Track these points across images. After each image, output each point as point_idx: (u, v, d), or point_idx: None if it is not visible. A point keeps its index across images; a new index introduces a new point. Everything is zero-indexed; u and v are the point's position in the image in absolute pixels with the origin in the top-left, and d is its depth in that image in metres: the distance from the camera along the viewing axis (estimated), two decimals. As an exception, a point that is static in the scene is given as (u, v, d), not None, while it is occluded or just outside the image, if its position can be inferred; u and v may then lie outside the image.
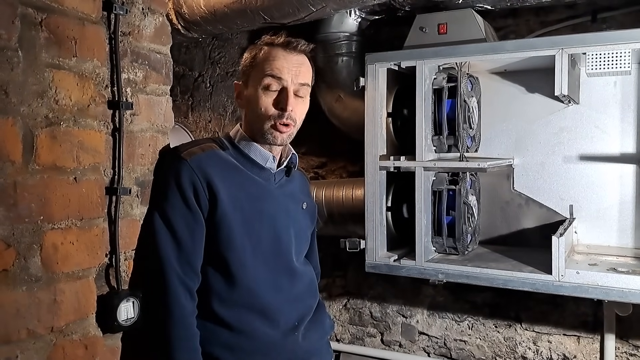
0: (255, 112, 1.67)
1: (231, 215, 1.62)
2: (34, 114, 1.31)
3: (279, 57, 1.66)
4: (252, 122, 1.69)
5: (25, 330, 1.29)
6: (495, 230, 3.00)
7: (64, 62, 1.38)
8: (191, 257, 1.60)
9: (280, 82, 1.65)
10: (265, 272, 1.68)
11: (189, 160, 1.60)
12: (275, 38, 1.69)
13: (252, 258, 1.65)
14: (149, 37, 1.71)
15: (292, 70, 1.66)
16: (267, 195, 1.72)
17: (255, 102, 1.65)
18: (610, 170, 2.72)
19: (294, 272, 1.77)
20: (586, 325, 2.97)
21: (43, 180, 1.33)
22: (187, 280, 1.58)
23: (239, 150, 1.72)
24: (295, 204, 1.82)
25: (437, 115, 2.68)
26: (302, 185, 1.90)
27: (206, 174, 1.60)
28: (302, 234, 1.86)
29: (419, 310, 3.42)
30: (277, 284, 1.71)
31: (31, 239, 1.31)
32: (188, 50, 4.20)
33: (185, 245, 1.58)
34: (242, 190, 1.66)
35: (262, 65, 1.66)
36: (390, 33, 3.35)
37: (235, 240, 1.63)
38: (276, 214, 1.73)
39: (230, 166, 1.67)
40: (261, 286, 1.67)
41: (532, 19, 3.05)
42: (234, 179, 1.66)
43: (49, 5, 1.35)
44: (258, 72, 1.66)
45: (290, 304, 1.74)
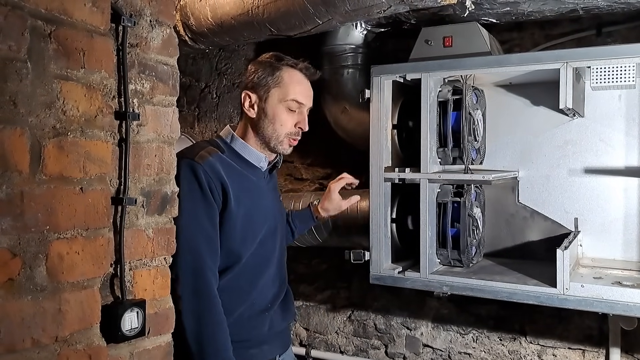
0: (273, 126, 1.93)
1: (236, 211, 1.87)
2: (42, 124, 1.32)
3: (301, 83, 1.95)
4: (265, 132, 1.94)
5: (29, 340, 1.30)
6: (500, 243, 3.00)
7: (72, 74, 1.40)
8: (217, 247, 1.87)
9: (301, 106, 1.95)
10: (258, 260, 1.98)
11: (203, 164, 1.83)
12: (296, 62, 1.97)
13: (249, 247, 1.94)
14: (157, 49, 1.72)
15: (310, 96, 1.99)
16: (261, 192, 2.00)
17: (276, 118, 1.92)
18: (615, 183, 2.72)
19: (277, 259, 2.07)
20: (591, 339, 2.96)
21: (50, 190, 1.34)
22: (214, 266, 1.87)
23: (233, 152, 1.96)
24: (276, 195, 2.18)
25: (442, 128, 2.69)
26: (276, 179, 2.24)
27: (218, 175, 1.84)
28: (282, 220, 2.20)
29: (423, 322, 3.42)
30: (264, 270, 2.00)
31: (37, 248, 1.31)
32: (195, 61, 4.23)
33: (211, 238, 1.85)
34: (243, 189, 1.91)
35: (287, 87, 1.92)
36: (396, 46, 3.37)
37: (237, 232, 1.89)
38: (268, 208, 2.03)
39: (232, 167, 1.92)
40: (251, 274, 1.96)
41: (537, 33, 3.06)
42: (235, 178, 1.90)
43: (58, 18, 1.36)
44: (282, 92, 1.92)
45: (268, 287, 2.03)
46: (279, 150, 1.97)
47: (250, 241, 1.94)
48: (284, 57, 1.97)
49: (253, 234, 1.95)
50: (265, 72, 1.94)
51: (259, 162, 1.98)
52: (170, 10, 1.78)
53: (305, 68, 1.97)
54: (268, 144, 1.96)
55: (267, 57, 2.00)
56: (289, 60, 1.96)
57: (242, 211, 1.89)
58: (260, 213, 1.97)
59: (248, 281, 1.96)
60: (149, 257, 1.71)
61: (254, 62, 2.04)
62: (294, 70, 1.95)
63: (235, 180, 1.90)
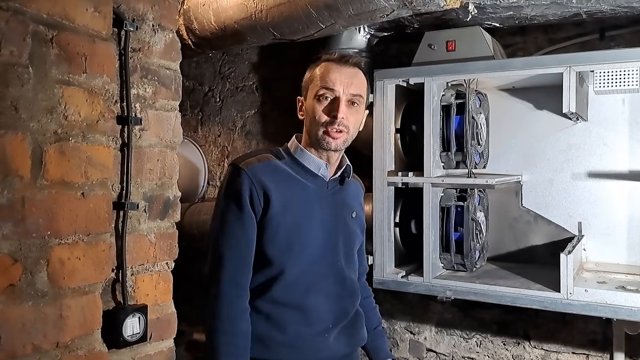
0: (311, 121, 1.80)
1: (280, 218, 1.75)
2: (43, 129, 1.32)
3: (333, 70, 1.79)
4: (309, 130, 1.82)
5: (30, 345, 1.29)
6: (504, 247, 2.99)
7: (73, 78, 1.40)
8: (246, 254, 1.75)
9: (333, 93, 1.77)
10: (310, 273, 1.81)
11: (247, 169, 1.74)
12: (330, 55, 1.85)
13: (298, 259, 1.78)
14: (159, 53, 1.73)
15: (345, 82, 1.77)
16: (319, 201, 1.84)
17: (311, 111, 1.79)
18: (619, 187, 2.71)
19: (338, 276, 1.87)
20: (595, 344, 2.94)
21: (51, 195, 1.34)
22: (241, 277, 1.74)
23: (294, 159, 1.84)
24: (346, 212, 1.92)
25: (446, 132, 2.69)
26: (356, 195, 2.01)
27: (261, 181, 1.74)
28: (351, 241, 1.94)
29: (427, 327, 3.41)
30: (319, 285, 1.83)
31: (38, 254, 1.31)
32: (198, 65, 4.23)
33: (242, 248, 1.74)
34: (294, 196, 1.79)
35: (318, 78, 1.79)
36: (399, 50, 3.37)
37: (280, 241, 1.76)
38: (327, 219, 1.84)
39: (285, 174, 1.80)
40: (303, 285, 1.80)
41: (540, 37, 3.05)
42: (287, 186, 1.78)
43: (59, 23, 1.36)
44: (314, 85, 1.80)
45: (328, 306, 1.84)
46: (325, 146, 1.79)
47: (298, 252, 1.78)
48: (324, 54, 1.88)
49: (302, 245, 1.78)
50: (307, 73, 1.87)
51: (319, 169, 1.83)
52: (172, 14, 1.79)
53: (341, 57, 1.84)
54: (316, 145, 1.81)
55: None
56: (326, 55, 1.86)
57: (290, 219, 1.76)
58: (314, 224, 1.81)
59: (299, 296, 1.79)
60: (151, 262, 1.71)
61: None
62: (328, 62, 1.82)
63: (286, 187, 1.78)
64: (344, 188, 1.93)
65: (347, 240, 1.91)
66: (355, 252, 1.99)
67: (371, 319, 2.11)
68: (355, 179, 2.04)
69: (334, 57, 1.83)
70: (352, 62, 1.82)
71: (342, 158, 1.92)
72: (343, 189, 1.92)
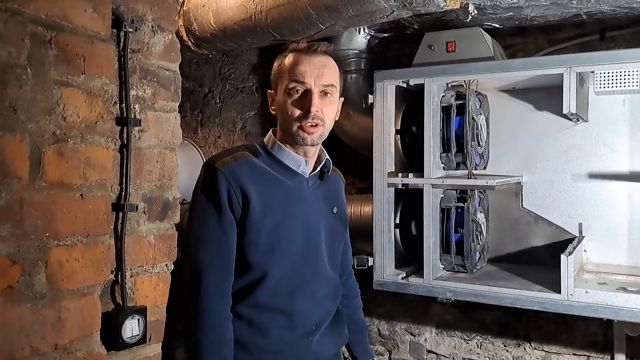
0: (284, 116, 1.72)
1: (260, 220, 1.67)
2: (42, 130, 1.32)
3: (301, 62, 1.70)
4: (283, 126, 1.75)
5: (29, 348, 1.29)
6: (504, 248, 2.98)
7: (72, 79, 1.40)
8: (228, 260, 1.67)
9: (304, 85, 1.69)
10: (292, 275, 1.74)
11: (223, 169, 1.65)
12: (297, 45, 1.75)
13: (280, 261, 1.72)
14: (158, 55, 1.73)
15: (315, 72, 1.70)
16: (299, 199, 1.77)
17: (283, 106, 1.71)
18: (620, 188, 2.70)
19: (322, 276, 1.82)
20: (596, 345, 2.94)
21: (49, 196, 1.34)
22: (224, 283, 1.66)
23: (271, 156, 1.77)
24: (327, 207, 1.87)
25: (446, 133, 2.68)
26: (336, 189, 1.96)
27: (239, 181, 1.66)
28: (334, 237, 1.90)
29: (427, 328, 3.40)
30: (302, 287, 1.77)
31: (36, 255, 1.31)
32: (198, 67, 4.23)
33: (223, 251, 1.66)
34: (274, 196, 1.71)
35: (287, 71, 1.71)
36: (399, 51, 3.36)
37: (262, 244, 1.69)
38: (308, 217, 1.78)
39: (263, 172, 1.73)
40: (286, 288, 1.73)
41: (541, 38, 3.05)
42: (266, 185, 1.71)
43: (58, 24, 1.36)
44: (284, 78, 1.72)
45: (311, 308, 1.79)
46: (300, 142, 1.72)
47: (281, 254, 1.72)
48: (291, 44, 1.78)
49: (284, 247, 1.72)
50: (276, 66, 1.78)
51: (298, 166, 1.77)
52: (172, 16, 1.79)
53: (309, 46, 1.74)
54: (291, 141, 1.74)
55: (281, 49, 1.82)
56: (293, 45, 1.76)
57: (270, 221, 1.69)
58: (296, 224, 1.75)
59: (283, 299, 1.73)
60: (150, 263, 1.71)
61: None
62: (295, 53, 1.73)
63: (265, 186, 1.71)
64: (324, 183, 1.87)
65: (329, 238, 1.86)
66: (339, 248, 1.95)
67: (358, 319, 2.09)
68: (335, 172, 1.98)
69: (301, 47, 1.74)
70: (321, 51, 1.74)
71: (321, 152, 1.86)
72: (323, 184, 1.86)
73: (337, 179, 2.00)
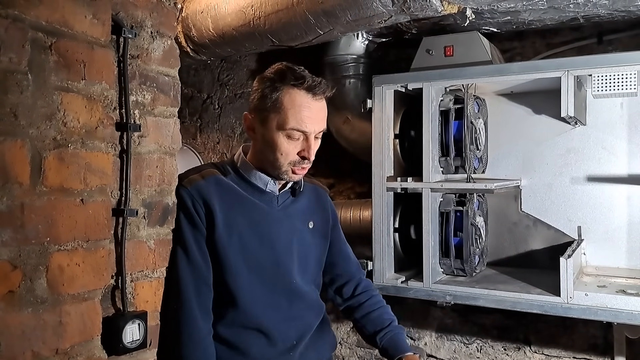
0: (273, 155, 1.67)
1: (226, 240, 1.67)
2: (42, 136, 1.32)
3: (303, 107, 1.63)
4: (267, 160, 1.70)
5: (30, 352, 1.29)
6: (503, 252, 2.99)
7: (72, 85, 1.40)
8: (207, 277, 1.66)
9: (304, 134, 1.65)
10: (263, 294, 1.71)
11: (189, 188, 1.67)
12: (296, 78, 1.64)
13: (248, 281, 1.69)
14: (158, 60, 1.73)
15: (315, 120, 1.65)
16: (267, 219, 1.74)
17: (275, 146, 1.65)
18: (618, 191, 2.71)
19: (295, 292, 1.79)
20: (596, 348, 2.94)
21: (50, 201, 1.34)
22: (205, 300, 1.65)
23: (240, 175, 1.76)
24: (302, 224, 1.83)
25: (444, 137, 2.69)
26: (313, 203, 1.90)
27: (205, 200, 1.66)
28: (309, 253, 1.85)
29: (427, 332, 3.40)
30: (274, 305, 1.74)
31: (37, 260, 1.31)
32: (197, 73, 4.24)
33: (199, 266, 1.65)
34: (241, 215, 1.70)
35: (287, 113, 1.63)
36: (397, 55, 3.37)
37: (231, 265, 1.67)
38: (277, 237, 1.75)
39: (230, 192, 1.72)
40: (258, 307, 1.70)
41: (538, 41, 3.06)
42: (233, 204, 1.70)
43: (58, 30, 1.36)
44: (281, 119, 1.64)
45: (288, 323, 1.76)
46: (284, 178, 1.72)
47: (248, 274, 1.69)
48: (287, 74, 1.65)
49: (252, 267, 1.70)
50: (265, 92, 1.67)
51: (266, 185, 1.74)
52: (171, 21, 1.79)
53: (311, 87, 1.63)
54: (272, 171, 1.71)
55: (270, 72, 1.72)
56: (292, 78, 1.64)
57: (236, 242, 1.68)
58: (264, 243, 1.72)
59: (256, 318, 1.71)
60: (151, 268, 1.70)
61: (257, 77, 1.77)
62: (297, 90, 1.63)
63: (232, 205, 1.69)
64: (297, 199, 1.83)
65: (304, 254, 1.82)
66: (319, 262, 1.91)
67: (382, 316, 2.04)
68: (313, 184, 1.95)
69: (303, 86, 1.63)
70: (322, 93, 1.67)
71: None
72: (296, 200, 1.82)
73: (316, 191, 1.95)
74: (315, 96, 1.65)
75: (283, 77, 1.66)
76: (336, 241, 2.00)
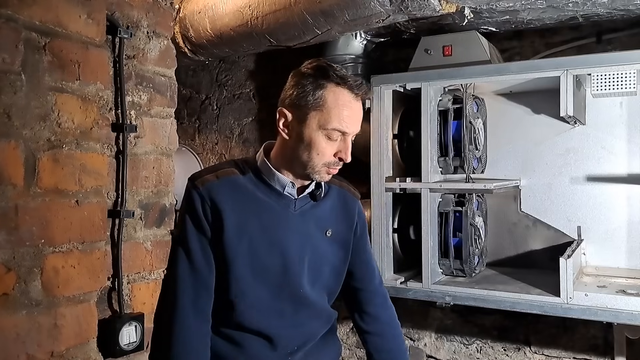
0: (309, 154, 1.59)
1: (236, 243, 1.60)
2: (36, 137, 1.32)
3: (345, 106, 1.57)
4: (298, 158, 1.62)
5: (24, 355, 1.28)
6: (503, 252, 2.98)
7: (67, 86, 1.39)
8: (207, 280, 1.60)
9: (344, 132, 1.59)
10: (267, 299, 1.66)
11: (201, 188, 1.59)
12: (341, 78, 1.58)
13: (251, 285, 1.63)
14: (154, 61, 1.72)
15: (355, 120, 1.60)
16: (281, 224, 1.66)
17: (313, 145, 1.58)
18: (618, 191, 2.70)
19: (302, 300, 1.72)
20: (596, 349, 2.93)
21: (44, 203, 1.33)
22: (202, 303, 1.60)
23: (258, 176, 1.67)
24: (318, 231, 1.74)
25: (443, 137, 2.68)
26: (336, 209, 1.80)
27: (215, 202, 1.58)
28: (323, 262, 1.76)
29: (426, 333, 3.39)
30: (279, 311, 1.68)
31: (32, 262, 1.30)
32: (195, 73, 4.23)
33: (200, 269, 1.59)
34: (253, 218, 1.62)
35: (330, 112, 1.56)
36: (396, 55, 3.36)
37: (235, 269, 1.61)
38: (288, 243, 1.67)
39: (245, 193, 1.64)
40: (260, 312, 1.66)
41: (537, 41, 3.05)
42: (246, 207, 1.62)
43: (52, 30, 1.36)
44: (323, 117, 1.57)
45: (292, 330, 1.72)
46: (315, 178, 1.64)
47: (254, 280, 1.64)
48: (330, 70, 1.58)
49: (258, 273, 1.64)
50: (306, 89, 1.59)
51: (283, 187, 1.65)
52: (167, 22, 1.78)
53: (353, 86, 1.58)
54: (302, 171, 1.63)
55: (309, 68, 1.63)
56: (335, 76, 1.57)
57: (245, 246, 1.61)
58: (274, 248, 1.65)
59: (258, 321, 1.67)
60: (148, 270, 1.70)
61: (294, 72, 1.67)
62: (341, 89, 1.57)
63: (244, 208, 1.62)
64: (318, 204, 1.74)
65: (316, 264, 1.73)
66: (334, 273, 1.82)
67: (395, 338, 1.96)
68: (342, 188, 1.86)
69: (351, 84, 1.58)
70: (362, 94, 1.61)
71: None
72: (316, 205, 1.73)
73: (344, 196, 1.86)
74: (357, 96, 1.60)
75: (326, 74, 1.59)
76: (360, 252, 1.89)
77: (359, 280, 1.90)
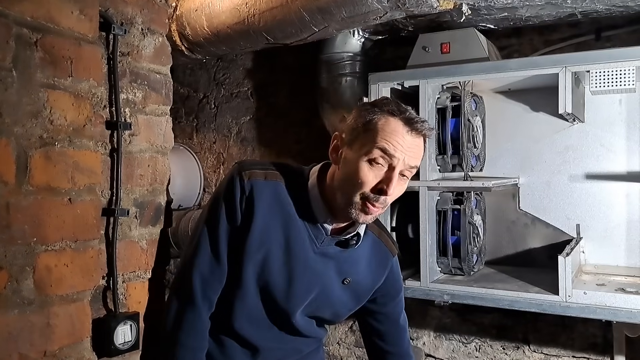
0: (349, 180, 1.50)
1: (253, 249, 1.56)
2: (28, 134, 1.30)
3: (396, 133, 1.46)
4: (341, 187, 1.53)
5: (17, 355, 1.27)
6: (501, 250, 2.97)
7: (59, 82, 1.38)
8: (222, 270, 1.58)
9: (390, 160, 1.46)
10: (262, 312, 1.64)
11: (246, 181, 1.54)
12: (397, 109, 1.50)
13: (253, 295, 1.60)
14: (149, 58, 1.71)
15: (407, 151, 1.47)
16: (302, 251, 1.60)
17: (354, 170, 1.48)
18: (617, 189, 2.69)
19: (291, 327, 1.69)
20: (595, 347, 2.91)
21: (37, 201, 1.32)
22: (210, 292, 1.58)
23: (303, 194, 1.60)
24: (335, 274, 1.66)
25: (441, 135, 2.67)
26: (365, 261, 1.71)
27: (252, 201, 1.53)
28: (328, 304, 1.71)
29: (425, 332, 3.38)
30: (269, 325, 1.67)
31: (24, 261, 1.29)
32: (193, 72, 4.21)
33: (221, 258, 1.57)
34: (279, 232, 1.57)
35: (377, 134, 1.47)
36: (394, 53, 3.35)
37: (245, 274, 1.57)
38: (300, 273, 1.61)
39: (282, 205, 1.58)
40: (252, 322, 1.64)
41: (536, 38, 3.03)
42: (276, 218, 1.57)
43: (44, 26, 1.34)
44: (369, 139, 1.47)
45: (278, 344, 1.71)
46: (351, 214, 1.51)
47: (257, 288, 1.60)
48: (390, 103, 1.52)
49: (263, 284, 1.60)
50: (361, 114, 1.52)
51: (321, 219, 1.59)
52: (162, 18, 1.77)
53: (409, 119, 1.47)
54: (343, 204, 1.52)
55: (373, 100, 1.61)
56: (393, 108, 1.49)
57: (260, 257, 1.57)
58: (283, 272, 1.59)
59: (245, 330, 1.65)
60: (143, 269, 1.69)
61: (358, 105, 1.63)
62: (395, 118, 1.47)
63: (276, 219, 1.56)
64: (346, 252, 1.65)
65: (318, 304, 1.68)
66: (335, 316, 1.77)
67: None
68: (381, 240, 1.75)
69: (403, 115, 1.48)
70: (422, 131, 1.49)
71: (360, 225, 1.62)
72: (344, 252, 1.64)
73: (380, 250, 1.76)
74: (412, 132, 1.48)
75: (384, 104, 1.52)
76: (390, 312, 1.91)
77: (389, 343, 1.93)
